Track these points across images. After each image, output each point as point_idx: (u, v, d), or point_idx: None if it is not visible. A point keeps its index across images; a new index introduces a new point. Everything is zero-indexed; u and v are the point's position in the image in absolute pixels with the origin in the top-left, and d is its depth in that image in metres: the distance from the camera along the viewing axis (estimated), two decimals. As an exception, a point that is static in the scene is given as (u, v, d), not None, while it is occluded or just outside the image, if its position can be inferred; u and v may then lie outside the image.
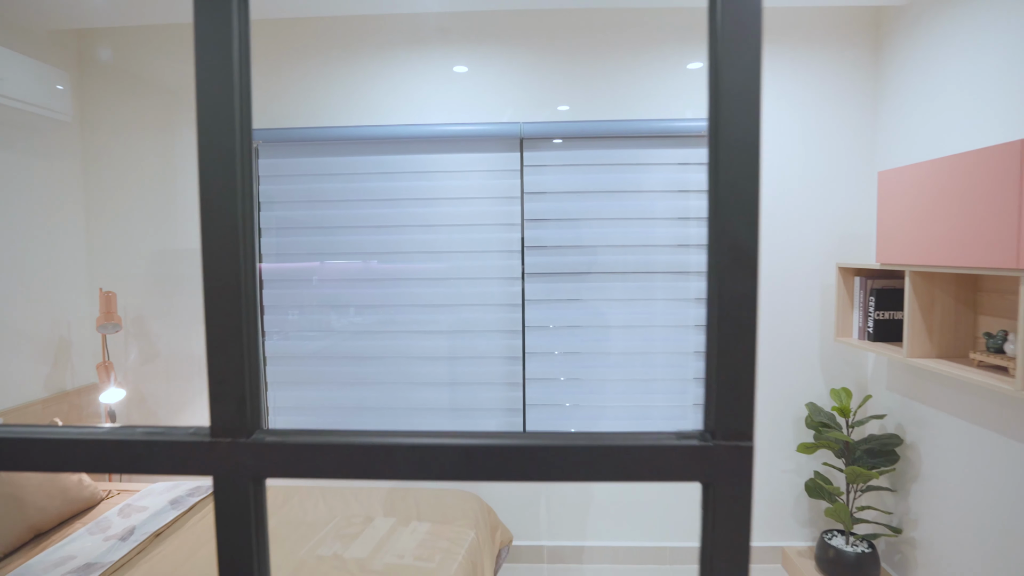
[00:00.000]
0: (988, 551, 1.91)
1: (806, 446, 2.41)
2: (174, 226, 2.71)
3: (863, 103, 2.51)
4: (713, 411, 0.57)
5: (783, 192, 2.55)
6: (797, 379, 2.60)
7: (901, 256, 1.95)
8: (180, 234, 2.71)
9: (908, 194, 1.92)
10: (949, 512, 2.08)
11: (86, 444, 0.59)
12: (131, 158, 2.69)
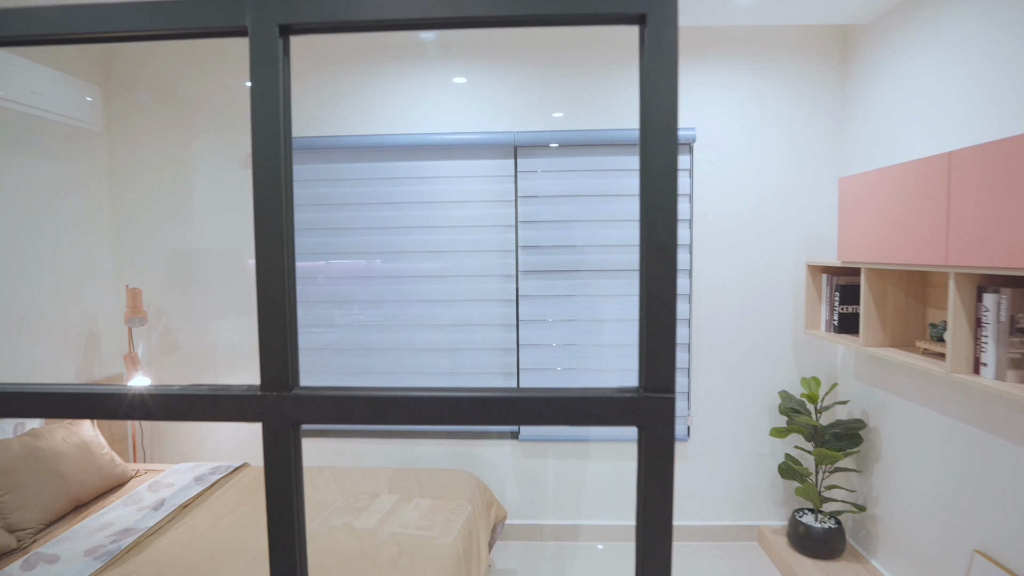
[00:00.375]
0: (937, 523, 2.10)
1: (779, 430, 2.61)
2: (191, 227, 2.92)
3: (831, 113, 2.71)
4: (644, 372, 0.79)
5: (760, 196, 2.75)
6: (772, 369, 2.80)
7: (858, 254, 2.16)
8: (196, 235, 2.92)
9: (864, 198, 2.12)
10: (905, 489, 2.28)
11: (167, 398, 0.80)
12: (152, 164, 2.90)
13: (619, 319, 2.82)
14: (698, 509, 2.87)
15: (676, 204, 0.73)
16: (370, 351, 2.86)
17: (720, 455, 2.85)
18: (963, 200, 1.61)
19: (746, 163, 2.75)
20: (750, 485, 2.85)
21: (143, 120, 2.89)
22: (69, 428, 2.31)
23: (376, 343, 2.86)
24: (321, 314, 2.88)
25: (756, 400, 2.82)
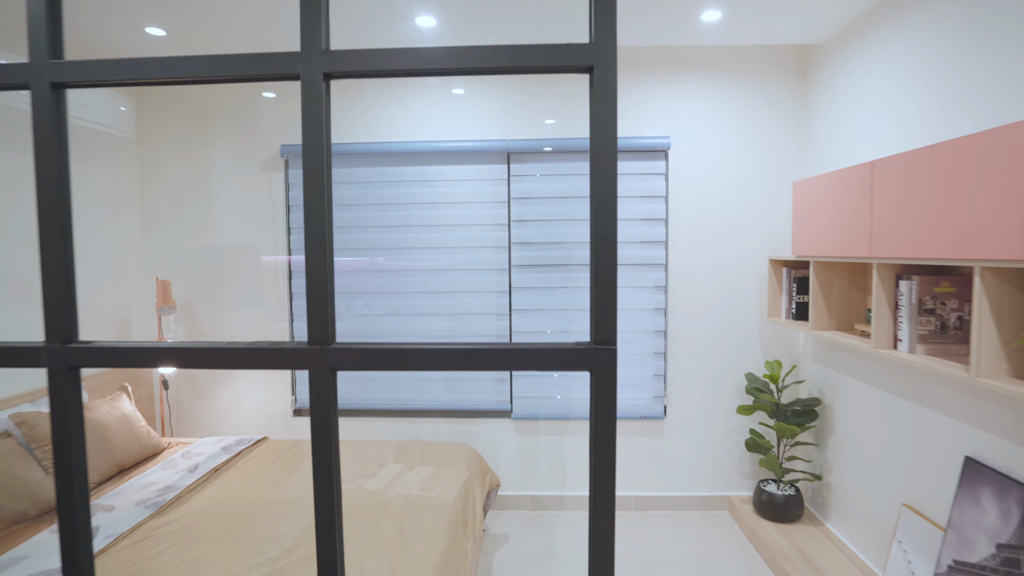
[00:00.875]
0: (875, 484, 2.40)
1: (744, 408, 2.91)
2: (213, 226, 3.22)
3: (793, 123, 3.01)
4: (593, 330, 1.08)
5: (728, 198, 3.05)
6: (739, 353, 3.10)
7: (808, 249, 2.45)
8: (217, 233, 3.21)
9: (812, 200, 2.42)
10: (853, 458, 2.58)
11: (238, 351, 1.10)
12: (179, 168, 3.19)
13: (602, 309, 3.11)
14: (674, 481, 3.17)
15: (616, 205, 1.03)
16: (376, 338, 3.15)
17: (693, 432, 3.15)
18: (882, 201, 1.91)
19: (716, 168, 3.05)
20: (720, 459, 3.15)
21: (170, 128, 3.18)
22: (111, 403, 2.60)
23: (381, 331, 3.15)
24: (332, 304, 3.17)
25: (725, 381, 3.12)
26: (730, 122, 3.03)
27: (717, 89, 3.02)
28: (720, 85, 3.02)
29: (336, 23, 2.54)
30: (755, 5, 2.44)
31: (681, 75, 3.02)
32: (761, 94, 3.01)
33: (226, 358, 1.07)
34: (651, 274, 3.11)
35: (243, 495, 2.21)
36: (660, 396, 3.15)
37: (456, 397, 3.17)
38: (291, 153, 3.09)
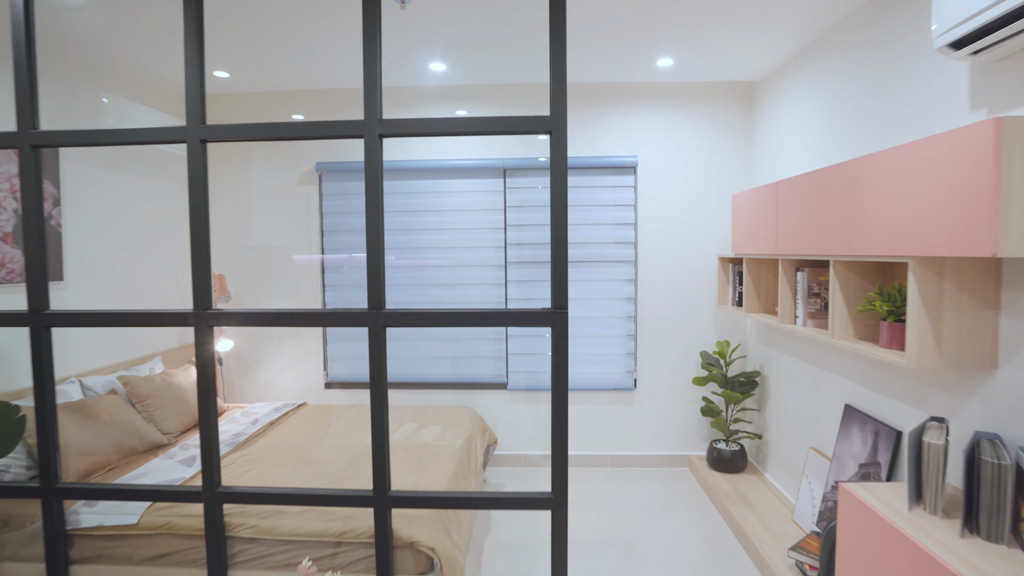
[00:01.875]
0: (794, 436, 3.03)
1: (699, 380, 3.53)
2: (257, 229, 3.84)
3: (740, 144, 3.63)
4: (553, 298, 1.72)
5: (687, 205, 3.67)
6: (696, 335, 3.72)
7: (742, 249, 3.08)
8: (262, 235, 3.84)
9: (745, 208, 3.04)
10: (781, 418, 3.20)
11: (322, 314, 1.74)
12: (227, 181, 3.83)
13: (583, 298, 3.75)
14: (643, 443, 3.79)
15: (566, 218, 1.67)
16: (395, 322, 3.78)
17: (659, 401, 3.77)
18: (783, 212, 2.53)
19: (676, 181, 3.67)
20: (681, 423, 3.78)
21: (222, 147, 3.82)
22: (185, 372, 3.23)
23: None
24: (347, 295, 3.80)
25: (684, 358, 3.74)
26: (688, 143, 3.66)
27: (677, 116, 3.65)
28: (680, 112, 3.65)
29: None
30: (699, 53, 3.07)
31: (647, 104, 3.65)
32: (714, 120, 3.64)
33: (312, 319, 1.72)
34: (623, 270, 3.73)
35: (296, 439, 2.85)
36: (631, 371, 3.77)
37: (461, 371, 3.80)
38: (324, 169, 3.72)
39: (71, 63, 2.88)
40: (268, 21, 2.55)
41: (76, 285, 2.91)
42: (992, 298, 1.68)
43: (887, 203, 1.77)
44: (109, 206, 3.11)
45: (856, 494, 1.79)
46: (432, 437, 3.04)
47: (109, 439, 2.52)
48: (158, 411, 2.86)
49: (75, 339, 2.91)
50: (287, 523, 2.02)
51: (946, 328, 1.69)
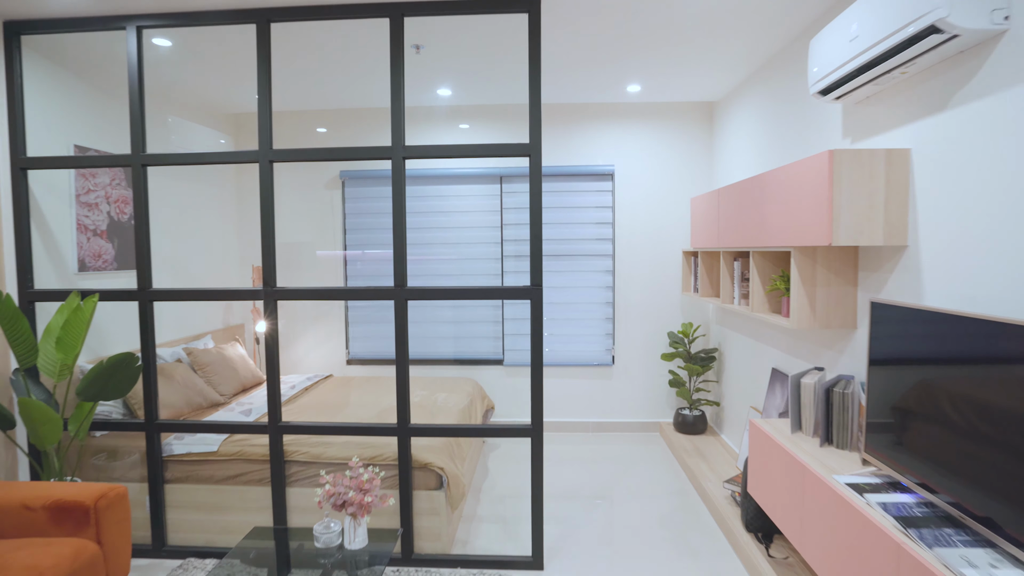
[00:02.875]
0: (740, 399, 3.63)
1: (666, 355, 4.14)
2: (288, 227, 4.47)
3: (703, 154, 4.24)
4: (531, 277, 2.35)
5: (657, 207, 4.28)
6: (665, 317, 4.33)
7: (698, 244, 3.68)
8: (292, 232, 4.46)
9: (699, 210, 3.65)
10: (733, 386, 3.82)
11: (361, 290, 2.38)
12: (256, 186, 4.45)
13: (569, 286, 4.37)
14: (620, 411, 4.41)
15: (541, 218, 2.32)
16: (407, 308, 4.40)
17: (634, 375, 4.38)
18: (723, 213, 3.14)
19: (648, 187, 4.29)
20: (653, 395, 4.39)
21: (259, 157, 4.44)
22: (232, 347, 3.86)
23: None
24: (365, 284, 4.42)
25: (655, 338, 4.35)
26: (658, 154, 4.27)
27: (648, 131, 4.26)
28: (651, 128, 4.26)
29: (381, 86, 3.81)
30: (662, 81, 3.68)
31: (622, 121, 4.26)
32: (680, 134, 4.25)
33: (352, 294, 2.37)
34: (602, 262, 4.35)
35: (328, 399, 3.48)
36: (609, 349, 4.39)
37: (462, 349, 4.42)
38: (347, 176, 4.35)
39: (147, 91, 3.51)
40: (305, 57, 3.18)
41: (147, 273, 3.54)
42: (852, 277, 2.30)
43: (780, 208, 2.38)
44: (167, 207, 3.74)
45: (759, 426, 2.40)
46: (440, 400, 3.67)
47: (181, 396, 3.15)
48: (215, 376, 3.50)
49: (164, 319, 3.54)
50: (330, 451, 2.64)
51: (819, 300, 2.31)
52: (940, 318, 1.59)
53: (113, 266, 3.20)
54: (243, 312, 4.56)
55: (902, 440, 1.75)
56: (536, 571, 2.52)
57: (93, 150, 3.07)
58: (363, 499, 1.92)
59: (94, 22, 2.51)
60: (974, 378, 1.45)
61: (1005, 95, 1.57)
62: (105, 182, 3.15)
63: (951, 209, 1.78)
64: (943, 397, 1.57)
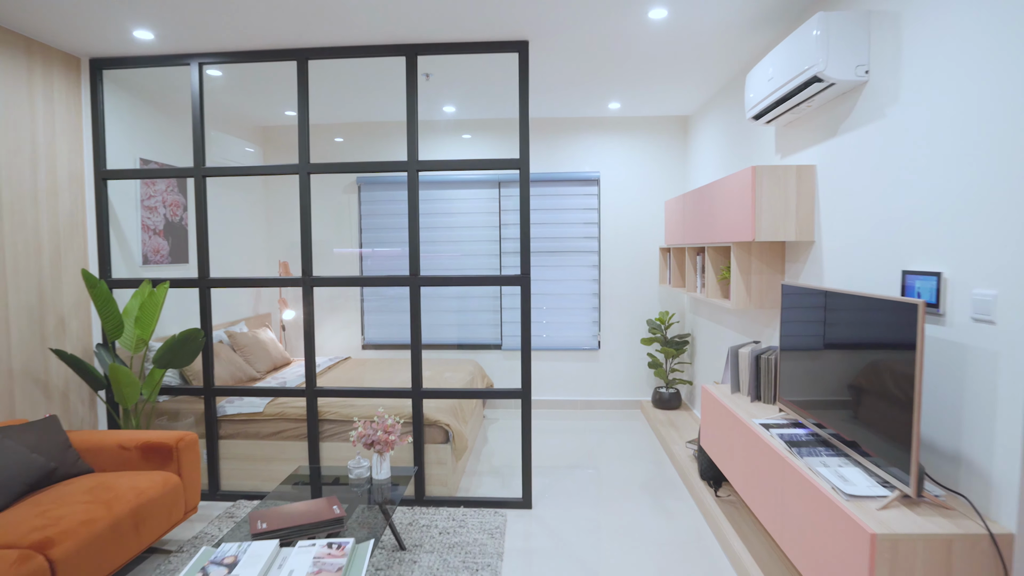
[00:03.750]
0: (707, 378, 4.17)
1: (645, 340, 4.69)
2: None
3: (678, 163, 4.78)
4: (521, 267, 2.91)
5: (638, 209, 4.82)
6: (645, 307, 4.88)
7: (670, 241, 4.22)
8: (314, 232, 5.01)
9: (671, 212, 4.19)
10: (703, 367, 4.36)
11: (382, 278, 2.93)
12: (288, 190, 5.01)
13: (559, 279, 4.91)
14: (605, 391, 4.95)
15: (529, 220, 2.89)
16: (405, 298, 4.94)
17: (617, 358, 4.93)
18: (688, 215, 3.68)
19: (630, 191, 4.83)
20: (633, 375, 4.93)
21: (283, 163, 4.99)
22: (264, 331, 4.42)
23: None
24: (387, 277, 4.97)
25: (636, 325, 4.90)
26: (639, 162, 4.81)
27: (631, 140, 4.80)
28: (632, 138, 4.80)
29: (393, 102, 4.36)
30: (639, 99, 4.22)
31: (606, 133, 4.81)
32: (658, 144, 4.79)
33: (374, 281, 2.95)
34: (589, 258, 4.89)
35: (348, 376, 4.03)
36: (595, 335, 4.94)
37: (465, 335, 4.97)
38: (363, 182, 4.90)
39: (191, 109, 4.07)
40: (327, 80, 3.72)
41: (195, 264, 4.09)
42: (780, 267, 2.84)
43: (722, 211, 2.92)
44: (210, 210, 4.30)
45: (709, 391, 2.95)
46: (446, 376, 4.22)
47: (226, 370, 3.70)
48: (251, 356, 4.05)
49: (189, 306, 4.09)
50: (356, 412, 3.19)
51: (753, 285, 2.85)
52: (822, 294, 2.13)
53: (168, 260, 3.76)
54: (270, 303, 5.12)
55: (802, 390, 2.29)
56: (526, 509, 3.07)
57: (154, 162, 3.63)
58: (388, 438, 2.47)
59: (164, 59, 3.06)
60: (845, 339, 1.99)
61: (867, 128, 2.12)
62: (162, 188, 3.71)
63: (841, 213, 2.32)
64: (826, 354, 2.11)
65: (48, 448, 2.47)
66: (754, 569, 2.32)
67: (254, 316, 4.83)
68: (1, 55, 2.66)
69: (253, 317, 4.80)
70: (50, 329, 2.93)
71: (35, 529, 2.01)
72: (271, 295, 5.13)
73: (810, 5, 2.56)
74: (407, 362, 4.65)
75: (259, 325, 4.83)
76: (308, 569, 1.80)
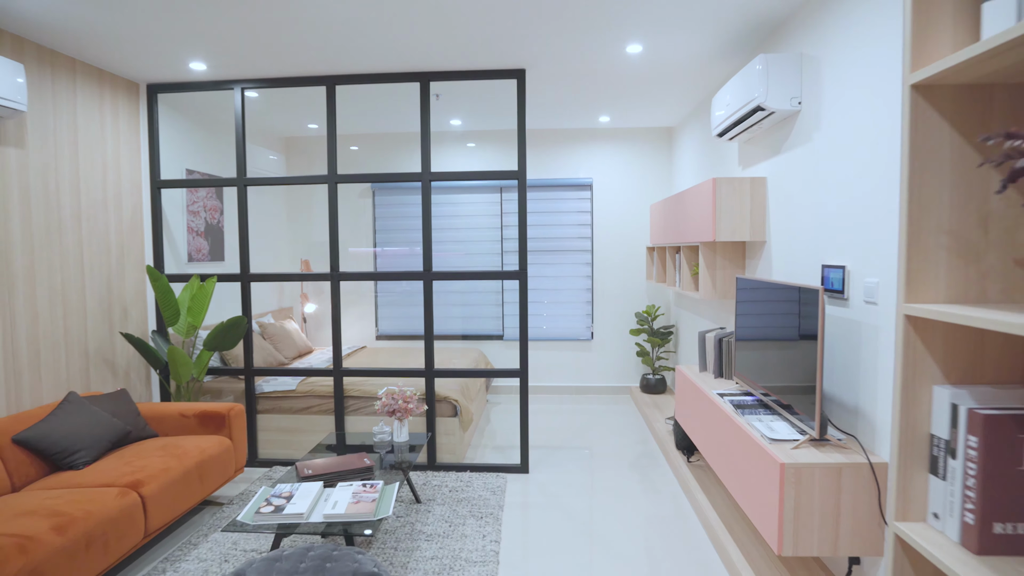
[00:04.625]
0: (685, 362, 4.64)
1: (634, 331, 5.16)
2: (326, 228, 5.50)
3: (664, 169, 5.25)
4: (519, 262, 3.39)
5: (627, 212, 5.29)
6: (634, 300, 5.35)
7: (654, 241, 4.69)
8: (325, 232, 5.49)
9: (655, 214, 4.66)
10: (684, 353, 4.82)
11: (399, 272, 3.42)
12: (308, 196, 5.49)
13: (556, 276, 5.39)
14: (597, 377, 5.42)
15: (526, 222, 3.37)
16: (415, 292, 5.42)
17: (609, 347, 5.40)
18: (667, 217, 4.15)
19: (620, 195, 5.30)
20: (625, 363, 5.41)
21: (303, 169, 5.48)
22: (289, 323, 4.91)
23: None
24: (398, 274, 5.46)
25: (626, 317, 5.37)
26: (629, 168, 5.28)
27: (621, 149, 5.27)
28: (623, 146, 5.27)
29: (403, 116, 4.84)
30: (627, 114, 4.69)
31: (599, 142, 5.28)
32: (646, 153, 5.26)
33: (391, 275, 3.45)
34: (583, 256, 5.36)
35: (368, 361, 4.51)
36: (589, 327, 5.41)
37: (469, 326, 5.46)
38: (377, 187, 5.38)
39: (222, 122, 4.56)
40: (349, 99, 4.20)
41: (232, 262, 4.59)
42: (741, 263, 3.31)
43: (692, 215, 3.39)
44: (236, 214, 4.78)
45: (682, 371, 3.42)
46: (453, 362, 4.69)
47: (258, 355, 4.19)
48: (280, 343, 4.54)
49: (226, 300, 4.58)
50: (377, 388, 3.68)
51: (718, 279, 3.32)
52: (763, 284, 2.60)
53: (208, 258, 4.25)
54: (291, 297, 5.61)
55: (750, 365, 2.76)
56: (523, 473, 3.55)
57: (198, 172, 4.12)
58: (407, 406, 2.95)
59: (211, 85, 3.55)
60: (779, 320, 2.46)
61: (801, 149, 2.59)
62: (203, 195, 4.20)
63: (785, 218, 2.79)
64: (766, 332, 2.58)
65: (123, 414, 2.96)
66: (711, 512, 2.80)
67: (278, 309, 5.32)
68: (81, 86, 3.16)
69: (277, 310, 5.29)
70: (116, 317, 3.42)
71: (126, 474, 2.50)
72: (292, 290, 5.62)
73: (757, 45, 3.03)
74: (417, 350, 5.13)
75: (283, 317, 5.32)
76: (349, 500, 2.28)
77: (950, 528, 1.00)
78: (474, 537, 2.74)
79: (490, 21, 2.72)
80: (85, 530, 2.10)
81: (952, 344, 1.03)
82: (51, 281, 2.97)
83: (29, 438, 2.55)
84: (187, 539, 2.75)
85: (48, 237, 2.95)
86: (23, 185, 2.80)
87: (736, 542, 2.55)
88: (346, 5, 2.54)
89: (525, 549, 2.66)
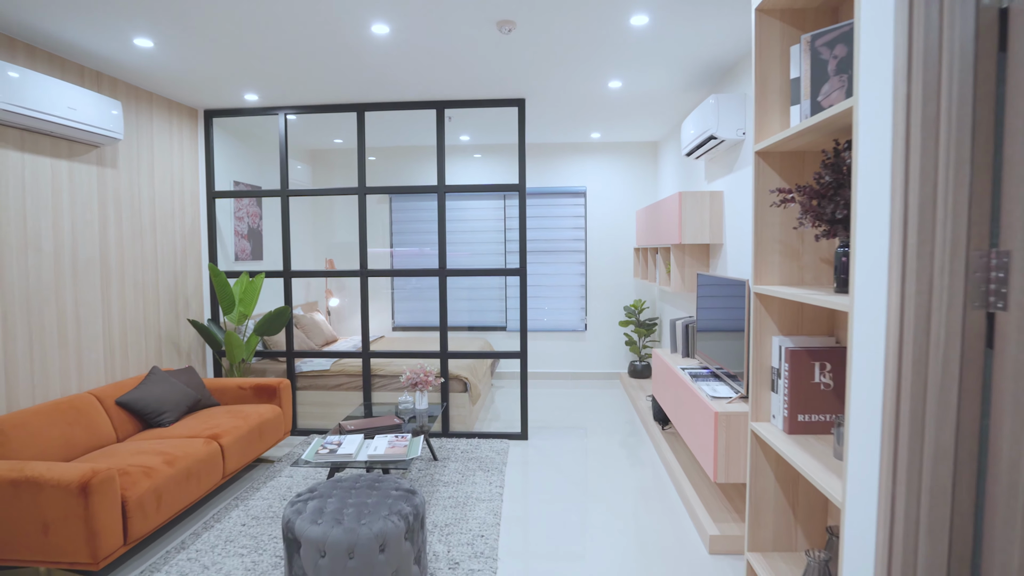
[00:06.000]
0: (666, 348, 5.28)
1: (623, 322, 5.79)
2: (347, 230, 6.15)
3: (650, 178, 5.88)
4: (520, 262, 4.03)
5: (617, 217, 5.92)
6: (623, 295, 5.98)
7: (639, 243, 5.32)
8: (351, 234, 6.14)
9: (640, 219, 5.28)
10: (668, 340, 5.45)
11: (416, 270, 4.07)
12: (333, 202, 6.14)
13: (554, 274, 6.03)
14: (591, 365, 6.06)
15: (526, 227, 4.02)
16: (427, 288, 6.07)
17: (601, 338, 6.03)
18: (649, 222, 4.78)
19: (611, 202, 5.93)
20: (614, 352, 6.04)
21: (329, 179, 6.13)
22: (316, 314, 5.55)
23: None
24: (412, 272, 6.10)
25: (616, 311, 6.01)
26: (618, 178, 5.91)
27: (611, 160, 5.90)
28: (613, 158, 5.90)
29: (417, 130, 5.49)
30: (615, 131, 5.32)
31: (592, 154, 5.91)
32: (634, 163, 5.89)
33: (410, 272, 4.10)
34: (577, 256, 6.00)
35: (389, 347, 5.16)
36: (583, 319, 6.05)
37: (475, 318, 6.10)
38: (393, 195, 6.03)
39: (258, 139, 5.21)
40: (371, 119, 4.85)
41: (269, 261, 5.23)
42: (706, 262, 3.94)
43: (664, 221, 4.02)
44: (273, 219, 5.44)
45: (657, 353, 4.05)
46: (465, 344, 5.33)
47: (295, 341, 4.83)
48: (310, 332, 5.19)
49: (263, 293, 5.22)
50: (399, 369, 4.32)
51: (686, 275, 3.95)
52: (715, 279, 3.23)
53: (250, 257, 4.91)
54: (316, 292, 6.26)
55: (708, 344, 3.39)
56: (523, 440, 4.18)
57: (244, 184, 4.77)
58: (427, 379, 3.59)
59: (258, 111, 4.19)
60: (724, 306, 3.09)
61: (745, 170, 3.22)
62: (247, 203, 4.85)
63: (736, 225, 3.41)
64: (717, 316, 3.21)
65: (194, 386, 3.61)
66: (675, 464, 3.44)
67: (305, 303, 5.97)
68: (157, 114, 3.81)
69: (305, 304, 5.94)
70: (180, 307, 4.07)
71: (205, 429, 3.15)
72: (317, 286, 6.27)
73: (716, 83, 3.65)
74: (428, 341, 5.78)
75: (310, 310, 5.97)
76: (386, 446, 2.93)
77: (778, 422, 1.64)
78: (483, 484, 3.38)
79: (495, 65, 3.36)
80: (186, 465, 2.75)
81: (783, 311, 1.67)
82: (135, 277, 3.62)
83: (128, 401, 3.20)
84: (249, 485, 3.40)
85: (133, 241, 3.60)
86: (117, 199, 3.45)
87: (691, 483, 3.19)
88: (375, 54, 3.18)
89: (524, 491, 3.30)
